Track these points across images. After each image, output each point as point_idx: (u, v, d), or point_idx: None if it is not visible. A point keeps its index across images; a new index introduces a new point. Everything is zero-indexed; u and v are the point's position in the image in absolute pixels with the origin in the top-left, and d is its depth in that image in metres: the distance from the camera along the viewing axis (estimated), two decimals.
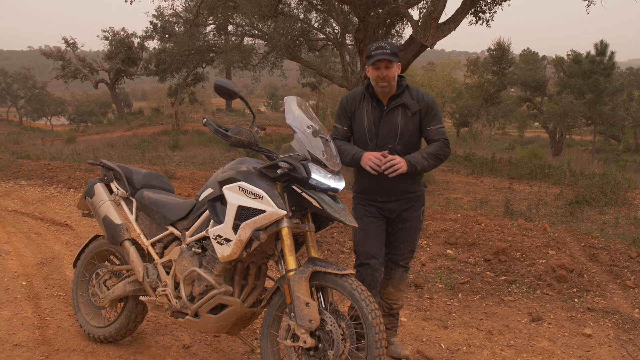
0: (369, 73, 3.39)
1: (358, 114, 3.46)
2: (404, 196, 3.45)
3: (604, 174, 13.74)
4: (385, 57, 3.24)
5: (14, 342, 3.63)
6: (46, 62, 40.24)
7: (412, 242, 3.58)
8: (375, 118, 3.41)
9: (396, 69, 3.33)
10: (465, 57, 41.77)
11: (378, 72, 3.30)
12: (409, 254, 3.61)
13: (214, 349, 3.72)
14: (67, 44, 36.95)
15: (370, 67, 3.34)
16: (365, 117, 3.42)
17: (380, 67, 3.29)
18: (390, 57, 3.25)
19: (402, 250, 3.56)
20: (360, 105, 3.46)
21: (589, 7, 12.04)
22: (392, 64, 3.28)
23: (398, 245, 3.55)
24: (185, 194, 8.63)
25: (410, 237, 3.55)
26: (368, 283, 3.36)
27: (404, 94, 3.39)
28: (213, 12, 17.99)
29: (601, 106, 27.44)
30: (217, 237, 2.87)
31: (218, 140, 20.83)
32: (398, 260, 3.58)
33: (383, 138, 3.39)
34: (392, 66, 3.29)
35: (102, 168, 3.85)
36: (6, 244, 6.11)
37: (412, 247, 3.59)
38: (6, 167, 12.39)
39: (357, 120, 3.47)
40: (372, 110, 3.42)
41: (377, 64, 3.29)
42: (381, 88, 3.35)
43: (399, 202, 3.45)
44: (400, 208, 3.46)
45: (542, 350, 3.94)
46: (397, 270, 3.60)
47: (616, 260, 5.63)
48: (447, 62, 42.87)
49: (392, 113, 3.38)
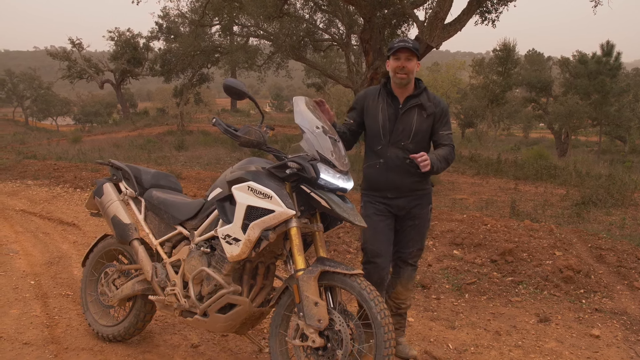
0: (388, 66, 3.45)
1: (372, 111, 3.51)
2: (412, 193, 3.49)
3: (610, 175, 13.67)
4: (407, 46, 3.33)
5: (23, 341, 3.65)
6: (52, 63, 40.39)
7: (420, 240, 3.60)
8: (390, 115, 3.46)
9: (415, 64, 3.40)
10: (471, 57, 41.72)
11: (398, 63, 3.37)
12: (417, 252, 3.62)
13: (222, 348, 3.73)
14: (73, 45, 37.10)
15: (391, 58, 3.41)
16: (381, 113, 3.47)
17: (400, 58, 3.36)
18: (412, 48, 3.34)
19: (410, 248, 3.57)
20: (375, 102, 3.51)
21: (595, 7, 12.00)
22: (413, 56, 3.37)
23: (407, 243, 3.56)
24: (191, 194, 8.65)
25: (418, 235, 3.57)
26: (375, 281, 3.37)
27: (421, 95, 3.47)
28: (219, 13, 18.01)
29: (607, 107, 27.34)
30: (226, 237, 2.88)
31: (223, 141, 20.85)
32: (407, 259, 3.59)
33: (397, 135, 3.43)
34: (413, 59, 3.37)
35: (110, 168, 3.86)
36: (14, 243, 6.14)
37: (420, 245, 3.62)
38: (13, 167, 12.45)
39: (371, 116, 3.51)
40: (387, 107, 3.48)
41: (398, 54, 3.36)
42: (399, 79, 3.40)
43: (407, 198, 3.48)
44: (409, 205, 3.49)
45: (549, 351, 3.93)
46: (405, 269, 3.61)
47: (623, 262, 5.61)
48: (452, 63, 42.74)
49: (409, 112, 3.44)
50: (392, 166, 3.43)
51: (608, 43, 28.33)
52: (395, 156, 3.42)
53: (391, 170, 3.42)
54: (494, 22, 13.68)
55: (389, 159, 3.44)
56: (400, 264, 3.61)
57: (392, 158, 3.43)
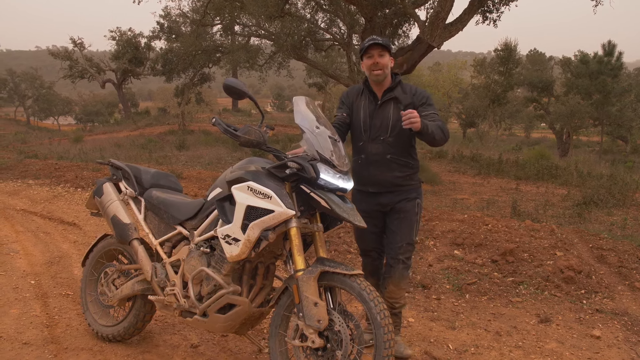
0: (363, 66, 3.54)
1: (355, 108, 3.60)
2: (395, 189, 3.54)
3: (611, 175, 13.65)
4: (377, 41, 3.41)
5: (23, 341, 3.65)
6: (54, 62, 40.45)
7: (408, 233, 3.58)
8: (370, 111, 3.54)
9: (388, 59, 3.48)
10: (472, 57, 41.73)
11: (371, 60, 3.45)
12: (407, 247, 3.59)
13: (222, 348, 3.73)
14: (74, 44, 37.15)
15: (364, 58, 3.49)
16: (362, 110, 3.56)
17: (373, 55, 3.45)
18: (382, 43, 3.41)
19: (399, 242, 3.56)
20: (358, 99, 3.61)
21: (596, 7, 11.97)
22: (384, 52, 3.45)
23: (395, 237, 3.57)
24: (192, 193, 8.65)
25: (406, 228, 3.56)
26: (369, 271, 3.59)
27: (396, 88, 3.53)
28: (220, 13, 18.00)
29: (608, 107, 27.30)
30: (225, 237, 2.87)
31: (224, 140, 20.86)
32: (397, 255, 3.56)
33: (376, 130, 3.51)
34: (385, 55, 3.45)
35: (110, 167, 3.86)
36: (15, 242, 6.14)
37: (409, 239, 3.59)
38: (14, 166, 12.47)
39: (354, 113, 3.61)
40: (368, 103, 3.57)
41: (370, 52, 3.45)
42: (375, 77, 3.49)
43: (391, 194, 3.54)
44: (394, 200, 3.55)
45: (550, 351, 3.92)
46: (397, 266, 3.57)
47: (624, 262, 5.60)
48: (453, 63, 42.77)
49: (385, 106, 3.53)
50: (372, 161, 3.52)
51: (610, 43, 28.29)
52: (376, 151, 3.51)
53: (371, 165, 3.52)
54: (496, 22, 13.65)
55: (369, 154, 3.53)
56: (391, 262, 3.59)
57: (372, 153, 3.52)
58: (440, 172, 14.50)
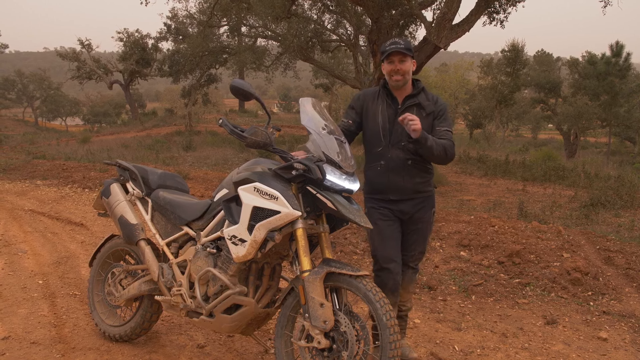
0: (384, 69, 3.44)
1: (372, 112, 3.50)
2: (415, 195, 3.46)
3: (619, 176, 13.57)
4: (399, 49, 3.31)
5: (31, 340, 3.67)
6: (62, 63, 40.70)
7: (422, 243, 3.58)
8: (390, 116, 3.44)
9: (410, 64, 3.38)
10: (479, 58, 41.58)
11: (392, 66, 3.36)
12: (419, 255, 3.61)
13: (228, 348, 3.74)
14: (82, 45, 37.40)
15: (385, 62, 3.40)
16: (380, 114, 3.46)
17: (394, 61, 3.35)
18: (404, 50, 3.32)
19: (412, 251, 3.56)
20: (375, 104, 3.50)
21: (605, 7, 11.92)
22: (406, 57, 3.35)
23: (409, 246, 3.55)
24: (199, 194, 8.68)
25: (421, 239, 3.56)
26: (390, 287, 3.36)
27: (420, 94, 3.46)
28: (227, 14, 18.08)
29: (616, 108, 27.13)
30: (232, 238, 2.88)
31: (231, 141, 20.90)
32: (408, 262, 3.57)
33: (397, 135, 3.41)
34: (406, 60, 3.36)
35: (118, 168, 3.88)
36: (23, 243, 6.19)
37: (422, 248, 3.60)
38: (22, 167, 12.55)
39: (370, 117, 3.50)
40: (387, 108, 3.46)
41: (391, 58, 3.35)
42: (395, 82, 3.40)
43: (411, 201, 3.46)
44: (413, 209, 3.47)
45: (556, 353, 3.91)
46: (406, 272, 3.59)
47: (632, 264, 5.57)
48: (460, 64, 42.71)
49: (408, 112, 3.40)
50: (393, 167, 3.41)
51: (617, 44, 28.09)
52: (397, 157, 3.40)
53: (392, 172, 3.40)
54: (503, 23, 13.62)
55: (390, 160, 3.42)
56: (402, 268, 3.59)
57: (393, 159, 3.41)
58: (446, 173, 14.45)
